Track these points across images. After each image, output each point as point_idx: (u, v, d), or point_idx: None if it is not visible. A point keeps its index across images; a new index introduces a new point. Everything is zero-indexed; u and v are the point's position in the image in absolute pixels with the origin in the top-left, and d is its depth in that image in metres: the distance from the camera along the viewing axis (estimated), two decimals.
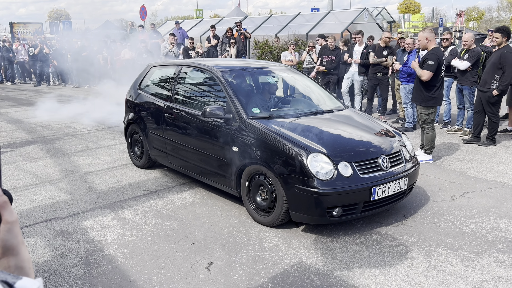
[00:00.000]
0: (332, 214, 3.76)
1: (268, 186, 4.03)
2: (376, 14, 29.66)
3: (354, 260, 3.48)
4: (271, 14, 22.98)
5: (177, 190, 5.12)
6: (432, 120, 6.08)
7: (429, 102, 5.95)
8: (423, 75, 5.79)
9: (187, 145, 4.96)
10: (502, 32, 6.66)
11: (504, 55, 6.57)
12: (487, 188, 5.13)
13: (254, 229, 4.06)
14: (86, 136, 8.08)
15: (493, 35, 6.86)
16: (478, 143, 7.10)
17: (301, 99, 5.36)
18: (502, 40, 6.66)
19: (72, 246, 3.77)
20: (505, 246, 3.68)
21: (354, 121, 4.70)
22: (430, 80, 5.82)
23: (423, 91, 5.92)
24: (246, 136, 4.23)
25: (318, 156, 3.80)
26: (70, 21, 33.82)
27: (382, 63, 8.90)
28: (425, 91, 5.90)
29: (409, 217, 4.31)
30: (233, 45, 12.96)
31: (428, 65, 5.76)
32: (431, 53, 5.83)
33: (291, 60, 10.73)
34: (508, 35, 6.71)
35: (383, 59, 8.89)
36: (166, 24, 25.26)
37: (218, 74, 4.83)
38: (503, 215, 4.32)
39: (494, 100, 6.80)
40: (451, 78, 8.29)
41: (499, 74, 6.62)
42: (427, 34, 5.90)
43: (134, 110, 5.98)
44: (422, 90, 5.93)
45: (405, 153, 4.34)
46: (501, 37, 6.65)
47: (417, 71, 5.88)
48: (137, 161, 6.07)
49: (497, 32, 6.74)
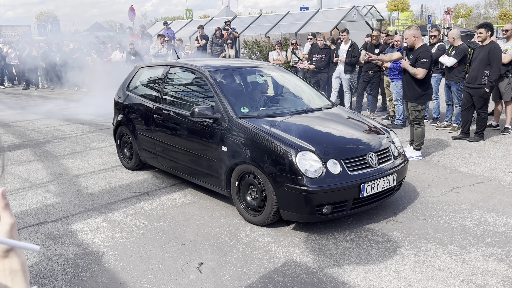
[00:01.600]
0: (322, 211, 3.77)
1: (258, 185, 4.03)
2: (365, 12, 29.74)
3: (344, 257, 3.49)
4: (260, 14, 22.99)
5: (167, 191, 5.10)
6: (423, 116, 6.13)
7: (422, 99, 5.99)
8: (419, 73, 5.80)
9: (177, 146, 4.94)
10: (485, 27, 6.74)
11: (493, 51, 6.63)
12: (475, 183, 5.17)
13: (244, 229, 4.06)
14: (75, 139, 8.02)
15: (477, 31, 6.93)
16: (467, 139, 7.16)
17: (290, 98, 5.37)
18: (486, 35, 6.73)
19: (61, 249, 3.74)
20: (493, 240, 3.72)
21: (343, 118, 4.72)
22: (424, 77, 5.85)
23: (417, 88, 5.95)
24: (235, 135, 4.22)
25: (307, 154, 3.81)
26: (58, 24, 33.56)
27: (373, 61, 8.94)
28: (419, 88, 5.94)
29: (399, 213, 4.33)
30: (230, 46, 12.93)
31: (423, 62, 5.78)
32: (423, 50, 5.85)
33: (279, 59, 10.75)
34: (492, 30, 6.79)
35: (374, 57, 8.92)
36: (155, 25, 25.16)
37: (206, 74, 4.82)
38: (491, 209, 4.36)
39: (487, 96, 6.87)
40: (440, 75, 8.35)
41: (489, 70, 6.68)
42: (414, 32, 5.93)
43: (123, 112, 5.94)
44: (415, 87, 5.94)
45: (393, 150, 4.36)
46: (485, 32, 6.72)
47: (410, 70, 5.88)
48: (126, 163, 6.03)
49: (480, 28, 6.81)
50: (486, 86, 6.71)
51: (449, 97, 8.04)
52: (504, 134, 7.49)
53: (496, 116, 8.01)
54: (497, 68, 6.64)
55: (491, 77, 6.65)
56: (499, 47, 6.80)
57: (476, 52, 6.95)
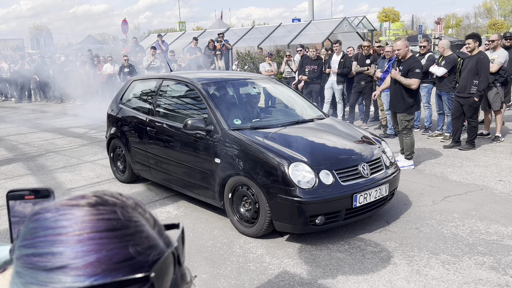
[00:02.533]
0: (315, 222, 3.79)
1: (251, 197, 4.05)
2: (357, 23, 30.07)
3: (337, 268, 3.50)
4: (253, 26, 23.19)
5: (160, 204, 5.10)
6: (412, 126, 6.19)
7: (412, 109, 6.06)
8: (414, 83, 5.87)
9: (170, 158, 4.95)
10: (473, 38, 6.85)
11: (481, 61, 6.74)
12: (467, 191, 5.22)
13: (238, 240, 4.06)
14: (68, 152, 8.00)
15: (466, 41, 7.05)
16: (458, 148, 7.23)
17: (282, 109, 5.41)
18: (474, 46, 6.85)
19: None
20: (485, 248, 3.75)
21: (335, 129, 4.76)
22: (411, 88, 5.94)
23: (407, 99, 6.01)
24: (228, 147, 4.24)
25: (300, 165, 3.83)
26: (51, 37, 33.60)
27: (364, 71, 9.05)
28: (409, 99, 6.00)
29: (392, 222, 4.36)
30: (219, 57, 12.99)
31: (416, 73, 5.87)
32: (415, 61, 5.96)
33: (271, 71, 10.83)
34: (480, 41, 6.91)
35: (365, 68, 9.05)
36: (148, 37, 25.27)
37: (199, 86, 4.85)
38: (483, 218, 4.39)
39: (477, 105, 6.97)
40: (431, 84, 8.45)
41: (477, 80, 6.78)
42: (406, 42, 6.03)
43: (116, 125, 5.95)
44: (405, 98, 6.00)
45: (385, 160, 4.40)
46: (473, 43, 6.84)
47: (403, 81, 5.93)
48: (120, 175, 6.02)
49: (468, 39, 6.93)
50: (475, 95, 6.81)
51: (440, 106, 8.13)
52: (495, 143, 7.58)
53: (486, 125, 8.11)
54: (485, 78, 6.74)
55: (480, 86, 6.75)
56: (487, 57, 6.91)
57: (465, 62, 7.06)
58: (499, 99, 7.60)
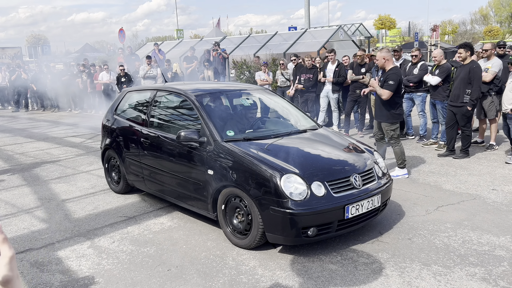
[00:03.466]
0: (307, 234, 3.80)
1: (244, 208, 4.06)
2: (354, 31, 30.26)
3: (329, 280, 3.51)
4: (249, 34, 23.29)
5: (154, 215, 5.10)
6: (398, 134, 6.23)
7: (393, 118, 6.09)
8: (383, 95, 5.91)
9: (164, 169, 4.96)
10: (465, 47, 6.90)
11: (473, 70, 6.78)
12: (460, 201, 5.23)
13: (231, 252, 4.06)
14: (64, 162, 8.01)
15: (458, 51, 7.10)
16: (452, 156, 7.26)
17: (276, 120, 5.43)
18: (466, 55, 6.89)
19: (46, 277, 3.71)
20: (476, 259, 3.76)
21: (328, 139, 4.78)
22: (393, 98, 5.95)
23: (386, 109, 6.06)
24: (222, 159, 4.26)
25: (292, 177, 3.85)
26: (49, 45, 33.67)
27: (359, 80, 9.10)
28: (390, 109, 6.03)
29: (384, 233, 4.37)
30: (207, 67, 12.99)
31: (389, 84, 5.87)
32: (392, 73, 5.94)
33: (266, 80, 10.87)
34: (472, 50, 6.95)
35: (360, 77, 9.09)
36: (145, 45, 25.35)
37: (192, 97, 4.88)
38: (475, 228, 4.41)
39: (470, 114, 7.01)
40: (425, 93, 8.50)
41: (470, 89, 6.82)
42: (385, 54, 6.04)
43: (110, 135, 5.97)
44: (385, 108, 6.05)
45: (377, 170, 4.42)
46: (464, 52, 6.89)
47: (378, 90, 6.01)
48: (114, 186, 6.03)
49: (460, 48, 6.98)
50: (468, 104, 6.85)
51: (434, 115, 8.17)
52: (489, 151, 7.61)
53: (480, 133, 8.15)
54: (478, 87, 6.79)
55: (472, 95, 6.79)
56: (479, 66, 6.95)
57: (458, 71, 7.10)
58: (494, 108, 7.64)
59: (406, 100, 8.66)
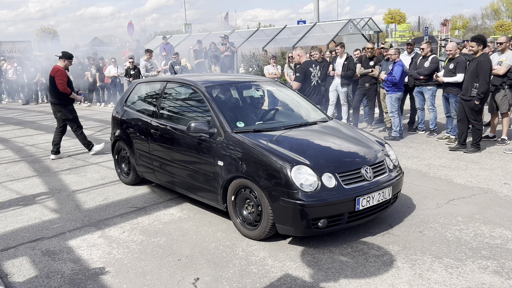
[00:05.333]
0: (318, 225, 3.78)
1: (254, 200, 4.05)
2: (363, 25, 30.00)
3: (340, 271, 3.50)
4: (258, 28, 23.20)
5: (164, 206, 5.12)
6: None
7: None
8: (293, 86, 7.03)
9: (173, 161, 4.97)
10: (477, 41, 6.81)
11: (480, 63, 6.70)
12: (472, 195, 5.19)
13: (241, 243, 4.06)
14: (74, 154, 8.05)
15: (470, 44, 7.01)
16: (463, 150, 7.19)
17: (286, 112, 5.41)
18: (478, 49, 6.80)
19: (57, 266, 3.74)
20: (488, 252, 3.72)
21: (338, 132, 4.75)
22: (302, 89, 6.95)
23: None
24: (231, 150, 4.25)
25: (302, 168, 3.83)
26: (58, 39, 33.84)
27: (368, 73, 9.04)
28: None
29: (395, 226, 4.34)
30: (214, 63, 12.95)
31: (296, 76, 7.11)
32: (299, 67, 7.17)
33: (274, 73, 10.82)
34: (484, 43, 6.85)
35: (369, 70, 9.03)
36: (154, 39, 25.37)
37: (202, 89, 4.87)
38: (487, 221, 4.37)
39: (478, 108, 6.92)
40: (435, 87, 8.41)
41: (477, 82, 6.75)
42: (298, 52, 7.25)
43: (120, 127, 5.98)
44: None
45: (388, 163, 4.38)
46: (476, 46, 6.79)
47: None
48: (124, 177, 6.06)
49: (472, 41, 6.89)
50: (475, 98, 6.78)
51: (447, 109, 8.07)
52: (500, 145, 7.52)
53: (492, 127, 8.05)
54: (484, 81, 6.70)
55: (479, 89, 6.72)
56: (488, 59, 6.82)
57: (470, 65, 7.02)
58: (507, 102, 7.54)
59: (417, 94, 8.58)
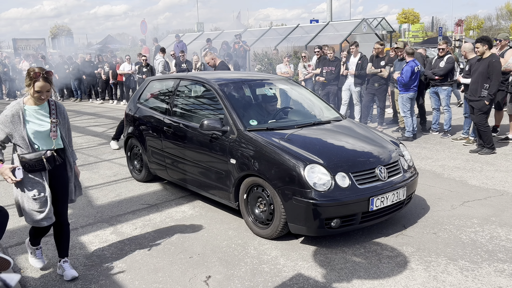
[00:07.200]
0: (331, 225, 3.75)
1: (266, 198, 4.03)
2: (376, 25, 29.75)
3: (353, 272, 3.46)
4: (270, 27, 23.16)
5: (176, 203, 5.12)
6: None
7: None
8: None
9: (186, 158, 4.97)
10: (482, 42, 6.73)
11: (492, 64, 6.61)
12: (487, 197, 5.10)
13: (253, 242, 4.04)
14: (87, 150, 8.11)
15: (475, 45, 6.93)
16: (478, 152, 7.08)
17: (299, 110, 5.37)
18: (483, 50, 6.72)
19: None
20: (505, 255, 3.65)
21: (352, 131, 4.70)
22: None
23: None
24: (244, 148, 4.24)
25: (316, 167, 3.80)
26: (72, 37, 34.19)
27: (378, 73, 8.95)
28: None
29: (409, 227, 4.29)
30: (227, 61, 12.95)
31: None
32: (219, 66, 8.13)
33: (287, 72, 10.78)
34: (490, 44, 6.75)
35: (379, 70, 8.94)
36: (166, 37, 25.46)
37: (216, 86, 4.86)
38: (503, 224, 4.29)
39: (487, 109, 6.84)
40: (450, 87, 8.30)
41: (488, 83, 6.67)
42: (212, 55, 8.35)
43: (133, 124, 6.00)
44: None
45: (403, 163, 4.33)
46: (481, 47, 6.72)
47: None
48: (136, 174, 6.07)
49: (477, 42, 6.81)
50: (485, 98, 6.70)
51: (466, 109, 7.95)
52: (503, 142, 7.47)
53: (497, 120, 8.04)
54: (497, 81, 6.64)
55: (491, 90, 6.64)
56: (499, 60, 6.75)
57: (476, 65, 6.92)
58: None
59: (432, 94, 8.48)
